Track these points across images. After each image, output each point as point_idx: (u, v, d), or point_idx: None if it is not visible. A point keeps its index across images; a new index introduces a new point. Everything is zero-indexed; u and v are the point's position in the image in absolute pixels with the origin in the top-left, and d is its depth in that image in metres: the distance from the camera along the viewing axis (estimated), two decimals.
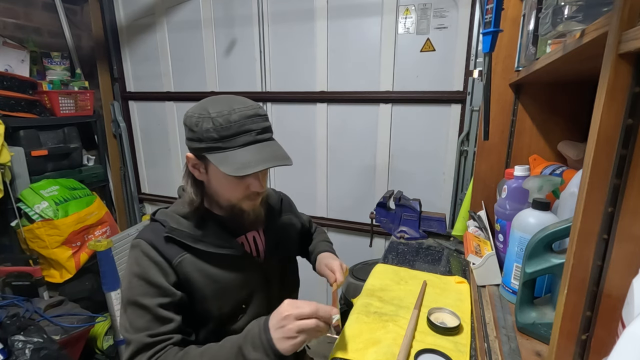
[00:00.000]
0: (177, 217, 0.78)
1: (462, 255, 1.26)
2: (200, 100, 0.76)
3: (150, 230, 0.77)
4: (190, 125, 0.72)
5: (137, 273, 0.72)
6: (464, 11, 1.59)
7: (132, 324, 0.70)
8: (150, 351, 0.68)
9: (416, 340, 0.78)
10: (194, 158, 0.75)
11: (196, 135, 0.71)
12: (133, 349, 0.68)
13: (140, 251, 0.74)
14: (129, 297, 0.72)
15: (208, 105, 0.72)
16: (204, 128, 0.69)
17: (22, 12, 2.04)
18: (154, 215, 0.81)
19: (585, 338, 0.43)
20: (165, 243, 0.75)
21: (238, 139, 0.70)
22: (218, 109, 0.70)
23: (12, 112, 1.81)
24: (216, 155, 0.69)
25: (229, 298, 0.78)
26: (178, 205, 0.82)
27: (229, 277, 0.78)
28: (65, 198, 1.86)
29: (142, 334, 0.69)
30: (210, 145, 0.70)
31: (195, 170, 0.77)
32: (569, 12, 0.50)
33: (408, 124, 1.81)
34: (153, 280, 0.71)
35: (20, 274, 1.70)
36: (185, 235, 0.75)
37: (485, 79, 0.71)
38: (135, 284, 0.72)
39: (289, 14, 1.90)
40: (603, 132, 0.37)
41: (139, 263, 0.73)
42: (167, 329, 0.71)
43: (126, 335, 0.71)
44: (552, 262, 0.63)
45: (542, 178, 0.79)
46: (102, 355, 1.83)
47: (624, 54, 0.35)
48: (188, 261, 0.75)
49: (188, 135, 0.73)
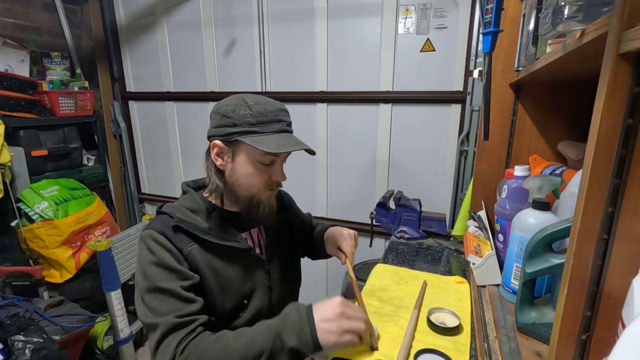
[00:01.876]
0: (184, 210, 0.79)
1: (462, 255, 1.26)
2: (229, 96, 0.79)
3: (159, 221, 0.78)
4: (225, 112, 0.75)
5: (153, 261, 0.72)
6: (464, 11, 1.59)
7: (155, 310, 0.70)
8: (181, 331, 0.68)
9: (416, 340, 0.78)
10: (221, 145, 0.77)
11: (231, 121, 0.74)
12: (162, 330, 0.68)
13: (153, 240, 0.74)
14: (147, 285, 0.71)
15: (243, 97, 0.77)
16: (241, 113, 0.74)
17: (22, 12, 2.04)
18: (161, 208, 0.82)
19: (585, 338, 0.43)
20: (174, 233, 0.76)
21: (272, 125, 0.75)
22: (254, 100, 0.76)
23: (12, 112, 1.81)
24: (252, 138, 0.73)
25: (232, 292, 0.79)
26: (185, 200, 0.83)
27: (232, 271, 0.79)
28: (65, 198, 1.86)
29: (169, 315, 0.68)
30: (247, 129, 0.74)
31: (218, 159, 0.78)
32: (569, 12, 0.50)
33: (408, 124, 1.81)
34: (170, 265, 0.72)
35: (20, 274, 1.70)
36: (193, 226, 0.76)
37: (485, 79, 0.71)
38: (152, 271, 0.72)
39: (289, 14, 1.90)
40: (603, 132, 0.37)
41: (154, 251, 0.73)
42: (194, 309, 0.71)
43: (150, 320, 0.70)
44: (552, 262, 0.63)
45: (542, 178, 0.79)
46: (102, 355, 1.83)
47: (624, 54, 0.35)
48: (196, 252, 0.76)
49: (220, 122, 0.76)
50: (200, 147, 2.29)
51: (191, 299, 0.72)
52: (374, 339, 0.76)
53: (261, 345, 0.66)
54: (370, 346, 0.75)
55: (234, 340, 0.68)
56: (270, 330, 0.68)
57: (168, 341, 0.67)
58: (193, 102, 2.29)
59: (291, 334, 0.66)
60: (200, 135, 2.30)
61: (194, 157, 2.38)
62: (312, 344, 0.65)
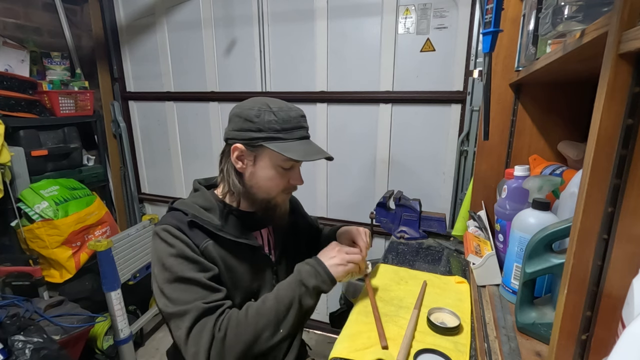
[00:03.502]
0: (197, 207, 0.81)
1: (462, 255, 1.26)
2: (250, 99, 0.81)
3: (173, 217, 0.79)
4: (249, 116, 0.76)
5: (173, 253, 0.73)
6: (464, 11, 1.59)
7: (179, 299, 0.71)
8: (212, 315, 0.70)
9: (416, 340, 0.78)
10: (242, 148, 0.78)
11: (256, 126, 0.76)
12: (194, 315, 0.69)
13: (170, 234, 0.75)
14: (167, 277, 0.72)
15: (266, 101, 0.78)
16: (266, 119, 0.76)
17: (22, 12, 2.04)
18: (173, 204, 0.83)
19: (585, 338, 0.43)
20: (190, 229, 0.77)
21: (295, 132, 0.78)
22: (277, 105, 0.78)
23: (12, 112, 1.81)
24: (277, 144, 0.76)
25: (240, 289, 0.81)
26: (197, 198, 0.84)
27: (242, 268, 0.82)
28: (65, 198, 1.86)
29: (197, 302, 0.70)
30: (271, 135, 0.76)
31: (238, 162, 0.80)
32: (569, 12, 0.50)
33: (408, 124, 1.81)
34: (191, 256, 0.73)
35: (20, 274, 1.70)
36: (207, 223, 0.78)
37: (485, 79, 0.71)
38: (172, 262, 0.72)
39: (289, 13, 1.90)
40: (603, 132, 0.37)
41: (172, 244, 0.74)
42: (219, 297, 0.73)
43: (176, 309, 0.70)
44: (552, 262, 0.62)
45: (542, 178, 0.79)
46: (102, 355, 1.83)
47: (624, 54, 0.35)
48: (212, 247, 0.78)
49: (243, 125, 0.77)
50: (200, 147, 2.32)
51: (215, 287, 0.74)
52: (369, 270, 0.94)
53: (289, 297, 0.75)
54: (365, 275, 0.93)
55: (263, 303, 0.75)
56: (290, 284, 0.78)
57: (201, 325, 0.69)
58: (193, 102, 2.29)
59: (309, 278, 0.78)
60: (201, 135, 2.30)
61: (194, 157, 2.38)
62: (329, 278, 0.79)
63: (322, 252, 0.84)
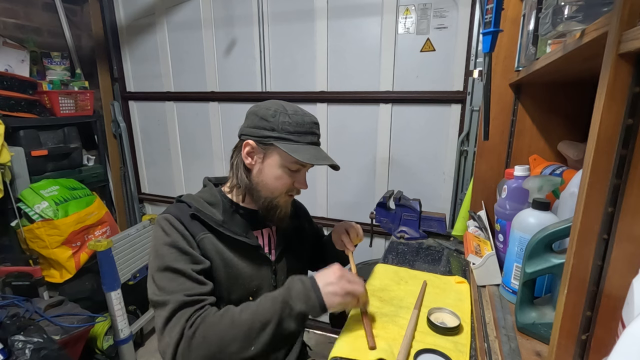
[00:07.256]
0: (202, 201, 0.83)
1: (462, 255, 1.26)
2: (268, 100, 0.83)
3: (177, 208, 0.82)
4: (265, 115, 0.79)
5: (168, 242, 0.75)
6: (464, 11, 1.59)
7: (165, 288, 0.72)
8: (190, 308, 0.70)
9: (416, 340, 0.78)
10: (254, 145, 0.81)
11: (270, 125, 0.78)
12: (172, 307, 0.70)
13: (169, 223, 0.78)
14: (159, 264, 0.74)
15: (283, 104, 0.81)
16: (280, 120, 0.78)
17: (22, 12, 2.04)
18: (180, 197, 0.85)
19: (585, 338, 0.43)
20: (191, 220, 0.79)
21: (306, 136, 0.81)
22: (293, 109, 0.81)
23: (12, 112, 1.81)
24: (288, 145, 0.78)
25: (239, 286, 0.82)
26: (204, 193, 0.87)
27: (241, 265, 0.83)
28: (65, 198, 1.86)
29: (179, 293, 0.71)
30: (283, 136, 0.78)
31: (248, 158, 0.82)
32: (569, 12, 0.50)
33: (408, 124, 1.81)
34: (183, 248, 0.75)
35: (20, 274, 1.70)
36: (208, 217, 0.80)
37: (485, 79, 0.71)
38: (165, 251, 0.74)
39: (289, 13, 1.90)
40: (603, 132, 0.37)
41: (168, 233, 0.77)
42: (203, 290, 0.74)
43: (159, 298, 0.71)
44: (552, 262, 0.63)
45: (542, 178, 0.79)
46: (102, 355, 1.83)
47: (624, 54, 0.35)
48: (209, 240, 0.79)
49: (258, 123, 0.80)
50: (200, 147, 2.32)
51: (201, 280, 0.74)
52: (368, 306, 0.85)
53: (268, 314, 0.70)
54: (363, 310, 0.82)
55: (241, 312, 0.71)
56: (276, 300, 0.72)
57: (177, 317, 0.69)
58: (193, 102, 2.29)
59: (298, 300, 0.71)
60: (201, 135, 2.30)
61: (194, 157, 2.38)
62: (319, 307, 0.71)
63: (321, 272, 0.76)
